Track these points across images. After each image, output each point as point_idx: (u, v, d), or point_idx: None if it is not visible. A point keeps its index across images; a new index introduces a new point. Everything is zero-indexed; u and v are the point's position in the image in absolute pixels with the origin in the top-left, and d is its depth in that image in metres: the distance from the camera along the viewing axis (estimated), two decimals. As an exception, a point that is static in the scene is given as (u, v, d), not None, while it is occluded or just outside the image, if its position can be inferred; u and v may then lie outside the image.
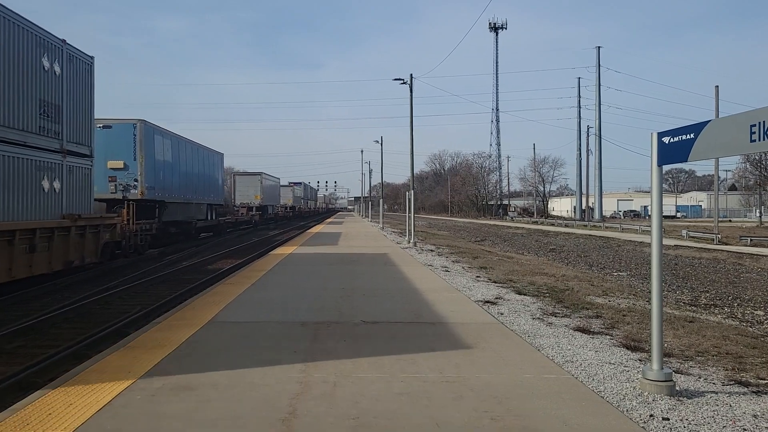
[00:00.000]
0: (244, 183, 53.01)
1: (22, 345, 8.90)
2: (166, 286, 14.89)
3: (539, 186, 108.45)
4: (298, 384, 5.16)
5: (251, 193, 52.36)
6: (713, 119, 4.83)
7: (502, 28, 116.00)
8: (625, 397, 4.97)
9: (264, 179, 54.37)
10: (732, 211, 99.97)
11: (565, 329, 7.81)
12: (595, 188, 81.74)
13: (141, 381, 5.22)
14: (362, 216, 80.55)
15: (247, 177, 54.03)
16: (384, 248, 22.25)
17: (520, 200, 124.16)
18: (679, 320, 9.26)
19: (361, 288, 11.17)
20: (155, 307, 11.22)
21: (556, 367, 5.84)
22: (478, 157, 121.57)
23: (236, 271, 15.10)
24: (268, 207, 56.13)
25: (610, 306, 10.21)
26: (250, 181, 52.95)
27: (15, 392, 6.40)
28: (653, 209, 5.24)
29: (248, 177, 53.91)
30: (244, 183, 53.01)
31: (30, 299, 12.87)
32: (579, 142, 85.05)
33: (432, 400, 4.77)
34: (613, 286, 14.25)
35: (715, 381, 5.55)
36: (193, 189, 31.31)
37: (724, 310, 12.86)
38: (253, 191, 52.42)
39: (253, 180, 53.23)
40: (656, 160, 5.22)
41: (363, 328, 7.54)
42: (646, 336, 7.21)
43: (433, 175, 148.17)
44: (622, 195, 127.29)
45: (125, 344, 6.62)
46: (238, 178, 54.46)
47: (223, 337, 7.04)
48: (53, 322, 10.28)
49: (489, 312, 8.91)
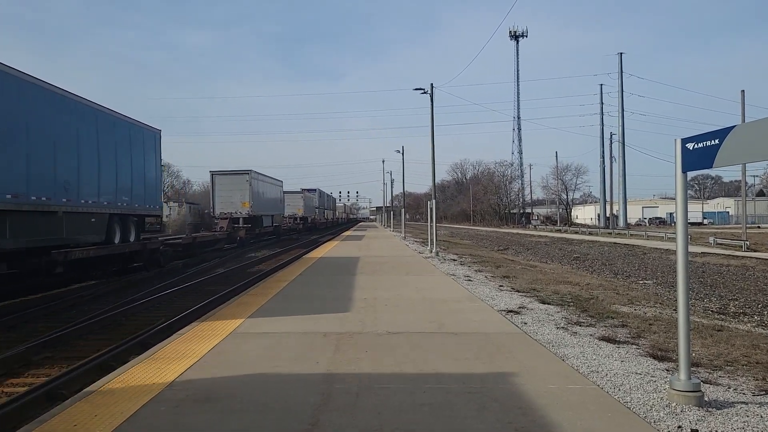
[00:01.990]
0: (226, 185, 38.31)
1: (50, 356, 9.04)
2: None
3: (562, 194, 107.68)
4: (321, 395, 5.15)
5: (236, 200, 38.08)
6: (738, 124, 4.75)
7: (522, 36, 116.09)
8: (652, 408, 4.88)
9: (255, 179, 39.60)
10: (760, 217, 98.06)
11: (590, 339, 7.71)
12: (619, 195, 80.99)
13: (165, 392, 5.26)
14: (384, 226, 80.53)
15: (229, 177, 38.76)
16: (406, 257, 22.21)
17: (542, 208, 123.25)
18: (707, 329, 9.09)
19: (383, 298, 11.15)
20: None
21: (581, 378, 5.76)
22: (500, 166, 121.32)
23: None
24: (262, 218, 41.61)
25: (636, 315, 10.06)
26: (234, 183, 38.27)
27: (42, 403, 6.50)
28: (678, 216, 5.15)
29: (231, 177, 38.72)
30: (226, 185, 38.31)
31: (58, 311, 13.07)
32: (602, 149, 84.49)
33: (455, 411, 4.73)
34: (638, 295, 14.04)
35: (745, 391, 5.42)
36: (66, 184, 15.45)
37: (753, 318, 12.59)
38: (239, 196, 38.12)
39: (237, 181, 38.30)
40: (680, 166, 5.14)
41: (385, 339, 7.52)
42: (673, 345, 7.08)
43: (455, 184, 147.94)
44: (647, 202, 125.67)
45: (149, 355, 6.68)
46: (217, 178, 38.81)
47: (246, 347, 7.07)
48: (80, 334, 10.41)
49: (512, 322, 8.83)
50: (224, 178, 38.77)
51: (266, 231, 43.67)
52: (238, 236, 36.31)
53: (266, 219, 43.35)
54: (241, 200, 38.17)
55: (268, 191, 44.37)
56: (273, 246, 38.38)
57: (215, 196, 38.42)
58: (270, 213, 44.78)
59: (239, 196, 38.09)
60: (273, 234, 46.84)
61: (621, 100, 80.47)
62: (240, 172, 38.81)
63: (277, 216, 48.23)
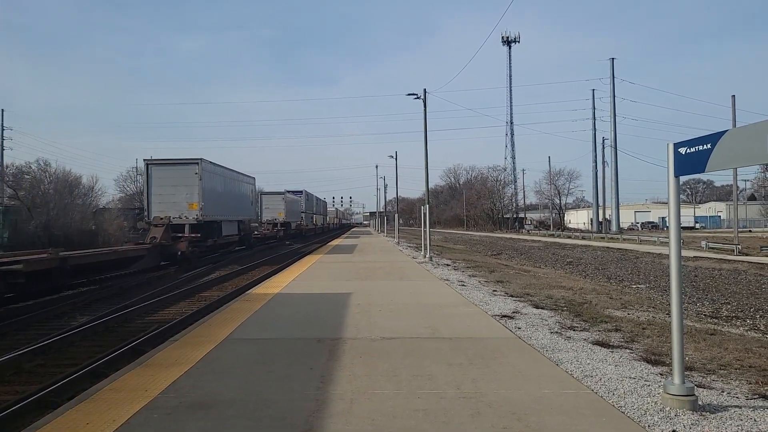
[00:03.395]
0: (166, 180, 27.25)
1: (42, 364, 8.97)
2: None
3: (555, 198, 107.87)
4: (315, 401, 5.13)
5: (181, 199, 27.23)
6: (730, 129, 4.77)
7: (515, 42, 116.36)
8: (646, 413, 4.88)
9: (209, 172, 28.62)
10: (752, 221, 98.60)
11: (583, 343, 7.72)
12: (612, 200, 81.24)
13: (158, 399, 5.23)
14: (377, 231, 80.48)
15: (170, 168, 27.51)
16: (400, 263, 22.20)
17: (536, 213, 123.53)
18: (701, 333, 9.12)
19: (378, 303, 11.13)
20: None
21: (575, 382, 5.77)
22: (493, 171, 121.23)
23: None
24: (221, 224, 31.04)
25: (630, 319, 10.09)
26: (178, 176, 27.37)
27: (34, 411, 6.44)
28: (671, 220, 5.18)
29: (174, 168, 27.51)
30: (166, 180, 27.25)
31: (51, 318, 12.98)
32: (594, 154, 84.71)
33: (450, 417, 4.72)
34: (632, 299, 14.08)
35: (738, 395, 5.44)
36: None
37: (746, 322, 12.64)
38: (184, 195, 27.28)
39: (183, 174, 27.30)
40: (673, 171, 5.17)
41: (380, 344, 7.50)
42: (666, 349, 7.10)
43: (448, 189, 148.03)
44: (640, 206, 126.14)
45: (142, 362, 6.64)
46: (154, 170, 27.31)
47: (238, 354, 7.03)
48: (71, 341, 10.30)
49: (506, 326, 8.83)
50: (163, 169, 27.33)
51: (227, 241, 33.06)
52: (177, 250, 25.07)
53: (228, 226, 32.83)
54: (188, 200, 27.20)
55: (231, 189, 33.30)
56: (231, 262, 28.55)
57: (151, 194, 27.09)
58: (234, 218, 34.02)
59: (185, 194, 27.18)
60: (242, 244, 37.02)
61: (613, 105, 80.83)
62: (186, 161, 27.42)
63: (246, 222, 38.19)
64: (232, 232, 33.99)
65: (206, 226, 28.13)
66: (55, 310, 13.76)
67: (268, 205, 49.97)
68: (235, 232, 34.82)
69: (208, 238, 28.54)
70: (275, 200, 50.85)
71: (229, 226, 33.35)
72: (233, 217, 33.83)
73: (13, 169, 39.09)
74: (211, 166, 29.16)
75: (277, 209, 50.43)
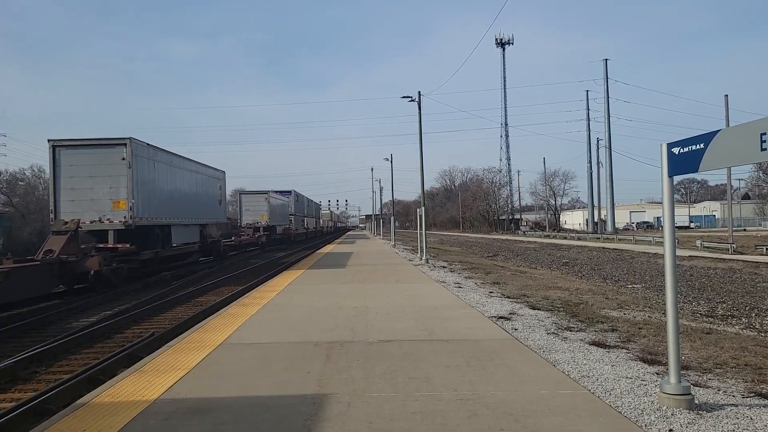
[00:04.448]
0: (77, 169, 20.20)
1: (36, 371, 8.93)
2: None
3: (551, 199, 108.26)
4: (312, 405, 5.12)
5: (101, 196, 20.26)
6: (723, 129, 4.79)
7: (508, 44, 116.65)
8: (643, 412, 4.89)
9: (142, 158, 21.28)
10: (746, 220, 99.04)
11: (580, 343, 7.73)
12: (607, 200, 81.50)
13: (155, 405, 5.21)
14: (374, 234, 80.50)
15: (85, 153, 20.38)
16: (396, 265, 22.20)
17: (531, 214, 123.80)
18: (696, 332, 9.15)
19: (374, 306, 11.13)
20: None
21: (572, 383, 5.77)
22: (488, 172, 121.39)
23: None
24: (155, 231, 22.83)
25: (626, 319, 10.11)
26: (96, 164, 20.33)
27: (30, 419, 6.41)
28: (665, 220, 5.19)
29: (89, 153, 20.41)
30: (77, 169, 20.20)
31: (45, 324, 12.93)
32: (589, 154, 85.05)
33: (447, 419, 4.72)
34: (628, 299, 14.11)
35: (734, 393, 5.45)
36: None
37: (741, 320, 12.69)
38: (104, 190, 20.29)
39: (101, 159, 20.36)
40: (666, 171, 5.19)
41: (376, 347, 7.50)
42: (662, 349, 7.11)
43: (444, 191, 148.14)
44: (635, 206, 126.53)
45: (138, 368, 6.62)
46: (63, 156, 20.16)
47: (235, 359, 7.02)
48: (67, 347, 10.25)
49: (503, 328, 8.84)
50: (76, 154, 20.17)
51: (182, 252, 26.01)
52: (87, 269, 17.75)
53: (182, 231, 25.70)
54: (112, 196, 19.95)
55: (187, 184, 26.21)
56: (148, 287, 19.83)
57: (58, 189, 19.93)
58: (192, 220, 26.97)
59: (107, 188, 19.99)
60: (207, 254, 30.38)
61: (607, 106, 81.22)
62: (108, 142, 20.19)
63: (212, 226, 31.20)
64: (189, 240, 26.95)
65: (142, 233, 20.98)
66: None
67: (248, 207, 43.67)
68: (194, 239, 27.84)
69: (145, 248, 21.18)
70: (257, 201, 43.89)
71: (185, 231, 26.23)
72: (190, 219, 26.80)
73: (7, 175, 38.82)
74: (148, 150, 21.56)
75: (260, 211, 43.73)
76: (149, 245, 21.90)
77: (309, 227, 68.54)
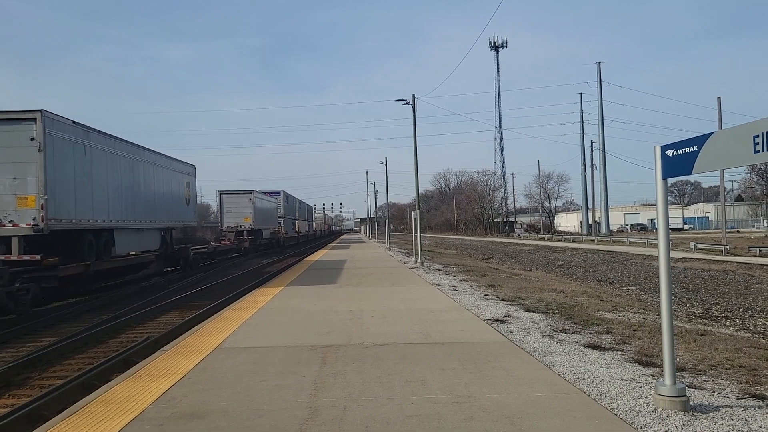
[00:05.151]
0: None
1: (30, 376, 8.88)
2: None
3: (545, 202, 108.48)
4: (308, 409, 5.11)
5: (1, 192, 14.48)
6: (716, 131, 4.82)
7: (502, 47, 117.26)
8: (638, 414, 4.90)
9: (60, 139, 15.33)
10: (739, 221, 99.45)
11: (575, 346, 7.74)
12: (601, 202, 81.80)
13: (149, 410, 5.19)
14: (369, 237, 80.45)
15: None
16: (391, 269, 22.19)
17: (526, 217, 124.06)
18: (691, 334, 9.17)
19: (370, 309, 11.12)
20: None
21: (567, 385, 5.78)
22: (482, 175, 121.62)
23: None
24: (87, 237, 17.22)
25: (621, 321, 10.13)
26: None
27: (23, 425, 6.37)
28: (659, 222, 5.21)
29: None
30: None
31: (39, 329, 12.86)
32: (583, 157, 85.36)
33: (443, 422, 4.72)
34: (622, 301, 14.15)
35: (729, 395, 5.47)
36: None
37: (735, 322, 12.73)
38: (9, 183, 14.45)
39: (3, 137, 14.35)
40: (660, 173, 5.21)
41: (372, 350, 7.49)
42: (657, 351, 7.13)
43: (439, 194, 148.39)
44: (629, 208, 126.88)
45: (133, 373, 6.59)
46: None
47: (230, 363, 7.00)
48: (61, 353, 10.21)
49: (498, 330, 8.84)
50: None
51: (133, 262, 21.86)
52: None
53: (132, 237, 21.18)
54: (16, 191, 14.65)
55: (140, 177, 21.38)
56: (69, 318, 14.39)
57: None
58: (149, 224, 22.19)
59: (10, 179, 14.65)
60: (173, 263, 25.68)
61: (600, 108, 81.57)
62: (11, 116, 14.62)
63: (177, 230, 27.52)
64: (144, 247, 22.47)
65: (63, 240, 16.14)
66: None
67: (230, 208, 39.14)
68: (152, 246, 23.21)
69: (69, 260, 16.27)
70: (240, 202, 39.20)
71: (136, 237, 21.50)
72: (146, 222, 21.78)
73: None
74: (75, 129, 16.48)
75: (243, 213, 39.22)
76: (75, 256, 16.67)
77: (301, 231, 64.65)
